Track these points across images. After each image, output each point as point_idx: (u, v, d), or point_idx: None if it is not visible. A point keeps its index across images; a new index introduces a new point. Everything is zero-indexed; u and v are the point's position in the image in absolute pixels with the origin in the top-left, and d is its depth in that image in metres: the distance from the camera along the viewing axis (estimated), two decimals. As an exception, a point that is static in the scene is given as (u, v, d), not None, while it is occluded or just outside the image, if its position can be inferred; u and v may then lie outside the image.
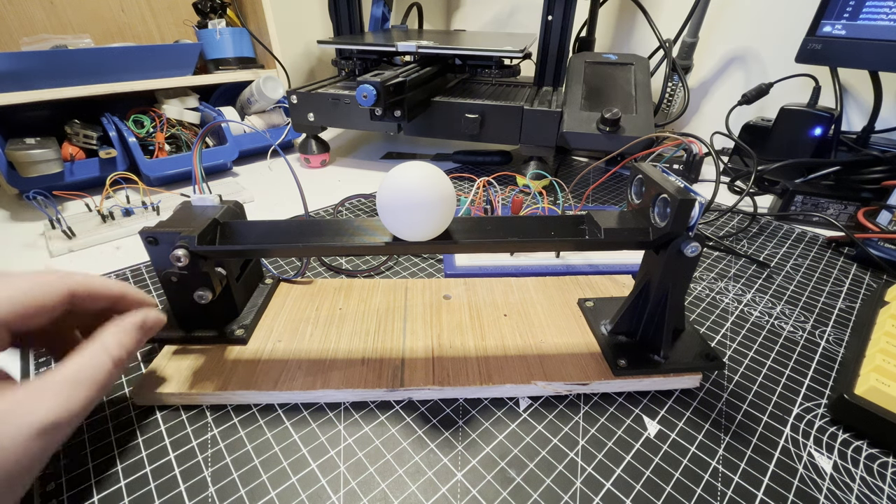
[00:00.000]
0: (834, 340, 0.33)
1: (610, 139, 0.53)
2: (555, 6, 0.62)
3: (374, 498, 0.22)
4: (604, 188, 0.61)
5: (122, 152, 0.56)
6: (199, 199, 0.30)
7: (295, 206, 0.54)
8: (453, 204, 0.24)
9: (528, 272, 0.39)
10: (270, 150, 0.72)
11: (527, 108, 0.56)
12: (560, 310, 0.33)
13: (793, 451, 0.25)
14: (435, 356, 0.29)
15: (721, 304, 0.37)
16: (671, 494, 0.23)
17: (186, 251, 0.25)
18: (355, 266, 0.41)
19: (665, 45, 0.70)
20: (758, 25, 0.69)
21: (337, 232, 0.27)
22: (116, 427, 0.25)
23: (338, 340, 0.30)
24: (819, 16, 0.50)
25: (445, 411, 0.27)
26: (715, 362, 0.28)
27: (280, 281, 0.36)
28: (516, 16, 0.97)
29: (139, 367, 0.29)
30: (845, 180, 0.54)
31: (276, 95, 0.68)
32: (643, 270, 0.28)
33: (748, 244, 0.47)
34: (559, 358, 0.29)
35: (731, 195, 0.60)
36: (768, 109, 0.68)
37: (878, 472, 0.24)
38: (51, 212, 0.45)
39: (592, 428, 0.26)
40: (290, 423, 0.26)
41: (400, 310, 0.33)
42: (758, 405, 0.28)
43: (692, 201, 0.23)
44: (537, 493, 0.22)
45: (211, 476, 0.23)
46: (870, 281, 0.41)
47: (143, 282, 0.38)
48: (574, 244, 0.27)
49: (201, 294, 0.27)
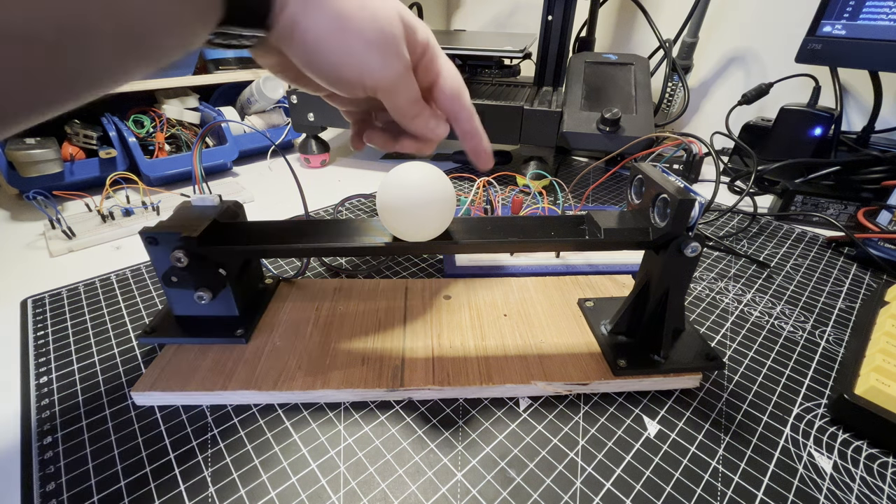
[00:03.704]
0: (834, 340, 0.33)
1: (610, 139, 0.53)
2: (555, 6, 0.62)
3: (374, 498, 0.22)
4: (604, 188, 0.61)
5: (122, 152, 0.56)
6: (199, 199, 0.30)
7: (295, 206, 0.54)
8: (453, 204, 0.25)
9: (528, 272, 0.39)
10: (270, 150, 0.72)
11: (527, 107, 0.56)
12: (560, 310, 0.33)
13: (793, 451, 0.25)
14: (435, 356, 0.29)
15: (721, 304, 0.37)
16: (671, 494, 0.23)
17: (186, 251, 0.25)
18: (355, 266, 0.41)
19: (665, 45, 0.70)
20: (758, 25, 0.69)
21: (337, 232, 0.27)
22: (116, 427, 0.25)
23: (338, 340, 0.30)
24: (819, 16, 0.50)
25: (445, 411, 0.27)
26: (715, 362, 0.28)
27: (280, 281, 0.36)
28: (516, 16, 0.97)
29: (139, 367, 0.29)
30: (845, 180, 0.54)
31: (276, 95, 0.68)
32: (643, 270, 0.28)
33: (748, 244, 0.47)
34: (559, 358, 0.29)
35: (731, 195, 0.60)
36: (768, 109, 0.68)
37: (878, 472, 0.24)
38: (51, 212, 0.45)
39: (592, 428, 0.26)
40: (290, 423, 0.26)
41: (400, 310, 0.33)
42: (758, 405, 0.28)
43: (692, 201, 0.23)
44: (537, 493, 0.22)
45: (211, 476, 0.23)
46: (870, 281, 0.41)
47: (143, 282, 0.38)
48: (574, 244, 0.27)
49: (201, 294, 0.27)
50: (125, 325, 0.33)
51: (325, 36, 0.21)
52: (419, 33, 0.25)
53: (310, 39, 0.21)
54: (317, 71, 0.23)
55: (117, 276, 0.39)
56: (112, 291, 0.37)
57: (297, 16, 0.20)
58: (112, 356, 0.30)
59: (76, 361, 0.30)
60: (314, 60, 0.22)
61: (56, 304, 0.36)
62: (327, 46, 0.21)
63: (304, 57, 0.22)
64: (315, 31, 0.21)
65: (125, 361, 0.30)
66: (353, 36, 0.22)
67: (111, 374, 0.29)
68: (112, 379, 0.28)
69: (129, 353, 0.31)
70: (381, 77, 0.23)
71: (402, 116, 0.26)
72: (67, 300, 0.36)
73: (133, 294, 0.37)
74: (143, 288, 0.38)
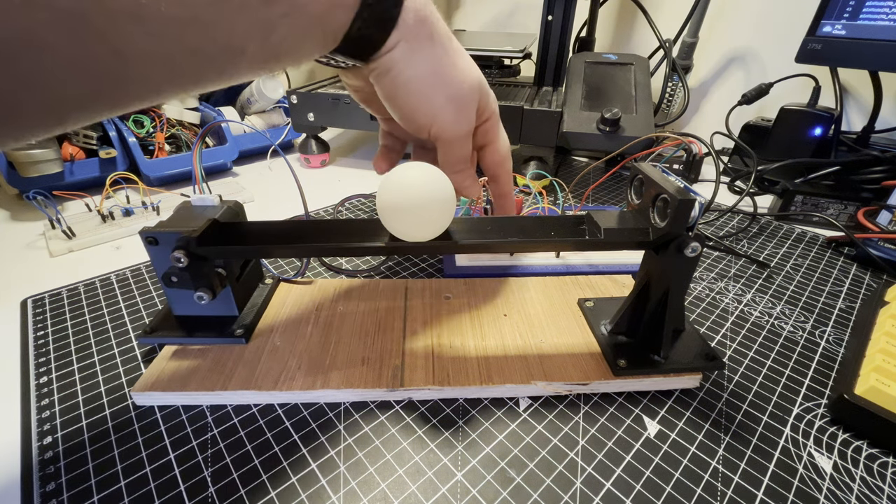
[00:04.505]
0: (834, 340, 0.33)
1: (610, 139, 0.53)
2: (555, 6, 0.62)
3: (374, 498, 0.22)
4: (604, 188, 0.61)
5: (122, 152, 0.56)
6: (199, 199, 0.30)
7: (295, 206, 0.54)
8: (453, 204, 0.24)
9: (528, 272, 0.39)
10: (270, 150, 0.72)
11: (527, 107, 0.56)
12: (560, 310, 0.33)
13: (793, 451, 0.25)
14: (435, 356, 0.29)
15: (721, 304, 0.37)
16: (671, 494, 0.23)
17: (186, 251, 0.25)
18: (355, 266, 0.41)
19: (665, 45, 0.70)
20: (758, 25, 0.69)
21: (337, 232, 0.27)
22: (116, 427, 0.25)
23: (338, 340, 0.30)
24: (819, 16, 0.50)
25: (445, 411, 0.27)
26: (715, 362, 0.28)
27: (280, 281, 0.36)
28: (516, 16, 0.97)
29: (139, 367, 0.29)
30: (845, 180, 0.54)
31: (276, 95, 0.68)
32: (643, 270, 0.28)
33: (748, 244, 0.47)
34: (559, 358, 0.29)
35: (731, 195, 0.60)
36: (768, 109, 0.68)
37: (878, 472, 0.24)
38: (51, 212, 0.45)
39: (592, 428, 0.26)
40: (290, 423, 0.26)
41: (400, 310, 0.33)
42: (758, 405, 0.28)
43: (692, 201, 0.23)
44: (537, 493, 0.22)
45: (211, 476, 0.23)
46: (870, 281, 0.41)
47: (143, 282, 0.38)
48: (574, 244, 0.27)
49: (201, 294, 0.27)
50: (125, 325, 0.33)
51: (416, 81, 0.24)
52: (491, 101, 0.29)
53: (402, 81, 0.24)
54: (396, 107, 0.26)
55: (117, 276, 0.39)
56: (112, 291, 0.37)
57: (399, 60, 0.23)
58: (112, 356, 0.30)
59: (76, 361, 0.30)
60: (399, 96, 0.25)
61: (56, 304, 0.36)
62: (415, 90, 0.24)
63: (390, 91, 0.25)
64: (409, 74, 0.24)
65: (125, 361, 0.30)
66: (440, 89, 0.25)
67: (111, 374, 0.29)
68: (112, 379, 0.28)
69: (129, 353, 0.31)
70: (448, 129, 0.26)
71: (449, 167, 0.28)
72: (67, 300, 0.36)
73: (133, 294, 0.37)
74: (143, 288, 0.38)
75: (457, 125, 0.26)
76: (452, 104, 0.26)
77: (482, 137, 0.30)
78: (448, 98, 0.25)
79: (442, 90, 0.25)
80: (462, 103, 0.26)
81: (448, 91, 0.25)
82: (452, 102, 0.25)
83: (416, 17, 0.23)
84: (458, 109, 0.26)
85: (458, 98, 0.26)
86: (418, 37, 0.23)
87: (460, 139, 0.27)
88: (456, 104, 0.26)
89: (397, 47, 0.23)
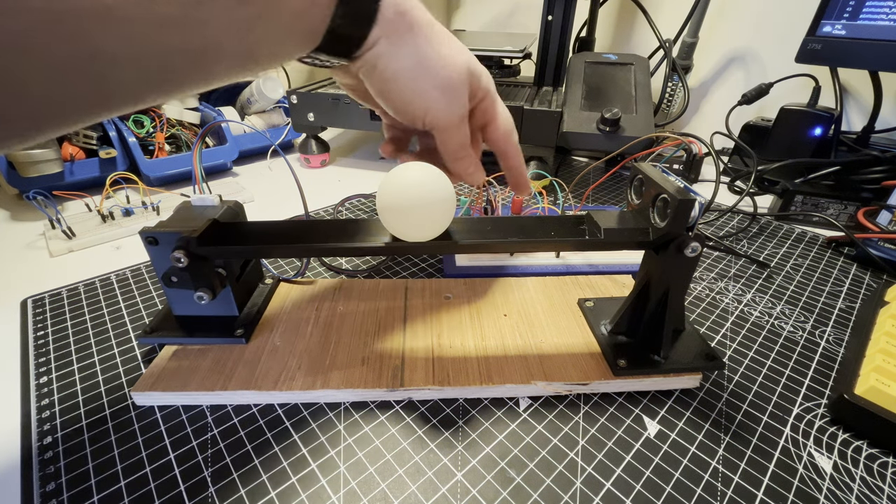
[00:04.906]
0: (834, 340, 0.33)
1: (610, 139, 0.53)
2: (555, 6, 0.62)
3: (374, 498, 0.22)
4: (604, 188, 0.61)
5: (122, 152, 0.56)
6: (199, 199, 0.30)
7: (295, 206, 0.54)
8: (453, 204, 0.25)
9: (528, 272, 0.39)
10: (270, 150, 0.72)
11: (527, 107, 0.56)
12: (560, 310, 0.33)
13: (793, 451, 0.25)
14: (435, 356, 0.29)
15: (721, 304, 0.37)
16: (671, 494, 0.23)
17: (186, 251, 0.25)
18: (355, 266, 0.41)
19: (665, 45, 0.70)
20: (758, 25, 0.69)
21: (337, 232, 0.27)
22: (116, 427, 0.25)
23: (338, 340, 0.30)
24: (819, 16, 0.50)
25: (445, 411, 0.27)
26: (715, 362, 0.28)
27: (280, 281, 0.36)
28: (516, 16, 0.97)
29: (139, 367, 0.29)
30: (845, 180, 0.54)
31: (276, 95, 0.68)
32: (643, 270, 0.28)
33: (748, 244, 0.47)
34: (559, 358, 0.29)
35: (731, 195, 0.60)
36: (768, 109, 0.68)
37: (878, 472, 0.24)
38: (51, 212, 0.45)
39: (592, 428, 0.26)
40: (290, 423, 0.26)
41: (400, 310, 0.33)
42: (758, 405, 0.28)
43: (692, 201, 0.23)
44: (537, 493, 0.22)
45: (211, 476, 0.23)
46: (870, 281, 0.41)
47: (143, 282, 0.38)
48: (574, 244, 0.27)
49: (201, 294, 0.27)
50: (125, 325, 0.33)
51: (402, 74, 0.24)
52: (483, 80, 0.28)
53: (388, 75, 0.24)
54: (387, 101, 0.26)
55: (117, 276, 0.39)
56: (112, 291, 0.37)
57: (382, 55, 0.23)
58: (112, 356, 0.30)
59: (76, 361, 0.30)
60: (388, 90, 0.25)
61: (56, 304, 0.36)
62: (402, 83, 0.25)
63: (379, 87, 0.25)
64: (394, 68, 0.24)
65: (125, 361, 0.30)
66: (427, 79, 0.25)
67: (111, 374, 0.29)
68: (112, 379, 0.28)
69: (129, 353, 0.31)
70: (441, 118, 0.26)
71: (449, 155, 0.29)
72: (67, 300, 0.36)
73: (133, 294, 0.37)
74: (143, 288, 0.38)
75: (449, 112, 0.26)
76: (441, 92, 0.26)
77: (481, 117, 0.30)
78: (436, 87, 0.25)
79: (429, 80, 0.25)
80: (451, 90, 0.26)
81: (435, 80, 0.25)
82: (441, 90, 0.26)
83: (395, 11, 0.23)
84: (448, 97, 0.26)
85: (446, 85, 0.26)
86: (398, 30, 0.23)
87: (455, 125, 0.27)
88: (445, 92, 0.26)
89: (379, 43, 0.23)
